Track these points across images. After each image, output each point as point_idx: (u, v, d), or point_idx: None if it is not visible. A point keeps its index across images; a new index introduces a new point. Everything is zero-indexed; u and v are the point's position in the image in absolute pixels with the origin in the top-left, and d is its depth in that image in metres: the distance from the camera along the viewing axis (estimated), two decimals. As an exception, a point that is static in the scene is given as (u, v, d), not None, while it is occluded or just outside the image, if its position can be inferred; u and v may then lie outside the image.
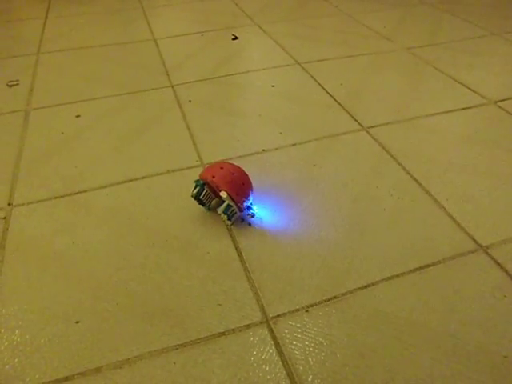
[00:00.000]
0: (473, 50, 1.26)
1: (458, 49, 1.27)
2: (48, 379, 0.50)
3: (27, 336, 0.55)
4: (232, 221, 0.69)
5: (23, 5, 1.69)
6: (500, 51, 1.25)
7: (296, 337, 0.54)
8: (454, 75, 1.13)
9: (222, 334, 0.54)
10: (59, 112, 1.01)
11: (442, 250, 0.65)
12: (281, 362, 0.51)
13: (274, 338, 0.54)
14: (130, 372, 0.51)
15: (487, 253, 0.64)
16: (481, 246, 0.65)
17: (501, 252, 0.64)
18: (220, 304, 0.58)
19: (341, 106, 1.00)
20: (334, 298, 0.58)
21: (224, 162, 0.70)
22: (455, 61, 1.20)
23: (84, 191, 0.77)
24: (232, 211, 0.67)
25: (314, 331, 0.54)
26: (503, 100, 1.02)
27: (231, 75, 1.15)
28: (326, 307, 0.57)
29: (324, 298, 0.58)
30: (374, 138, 0.89)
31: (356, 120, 0.96)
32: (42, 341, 0.54)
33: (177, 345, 0.53)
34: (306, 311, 0.57)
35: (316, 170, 0.81)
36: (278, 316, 0.56)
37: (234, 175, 0.67)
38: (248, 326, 0.55)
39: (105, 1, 1.70)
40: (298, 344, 0.53)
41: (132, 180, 0.79)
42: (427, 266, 0.62)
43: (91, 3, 1.67)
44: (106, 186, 0.78)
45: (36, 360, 0.52)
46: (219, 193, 0.66)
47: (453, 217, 0.71)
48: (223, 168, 0.67)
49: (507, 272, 0.61)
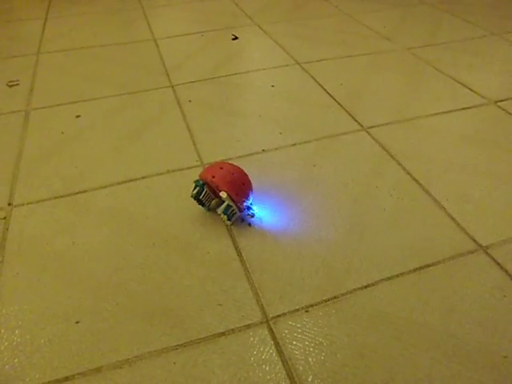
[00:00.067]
0: (473, 50, 1.26)
1: (458, 49, 1.27)
2: (48, 379, 0.50)
3: (27, 336, 0.55)
4: (232, 221, 0.69)
5: (23, 5, 1.69)
6: (500, 51, 1.25)
7: (296, 337, 0.54)
8: (454, 75, 1.13)
9: (222, 334, 0.54)
10: (59, 112, 1.01)
11: (442, 250, 0.65)
12: (281, 362, 0.51)
13: (274, 338, 0.54)
14: (130, 372, 0.51)
15: (487, 253, 0.64)
16: (481, 246, 0.65)
17: (501, 252, 0.64)
18: (220, 304, 0.58)
19: (341, 106, 1.00)
20: (334, 298, 0.58)
21: (224, 162, 0.70)
22: (455, 61, 1.20)
23: (84, 191, 0.77)
24: (232, 211, 0.67)
25: (314, 331, 0.54)
26: (503, 100, 1.02)
27: (231, 75, 1.15)
28: (326, 307, 0.57)
29: (324, 298, 0.58)
30: (374, 138, 0.89)
31: (356, 120, 0.96)
32: (42, 341, 0.54)
33: (177, 345, 0.53)
34: (306, 311, 0.57)
35: (316, 170, 0.81)
36: (278, 316, 0.56)
37: (234, 175, 0.67)
38: (248, 326, 0.55)
39: (105, 1, 1.70)
40: (298, 344, 0.53)
41: (132, 180, 0.80)
42: (427, 266, 0.62)
43: (91, 3, 1.67)
44: (106, 186, 0.78)
45: (36, 360, 0.52)
46: (219, 193, 0.66)
47: (453, 217, 0.71)
48: (223, 168, 0.67)
49: (507, 272, 0.61)
